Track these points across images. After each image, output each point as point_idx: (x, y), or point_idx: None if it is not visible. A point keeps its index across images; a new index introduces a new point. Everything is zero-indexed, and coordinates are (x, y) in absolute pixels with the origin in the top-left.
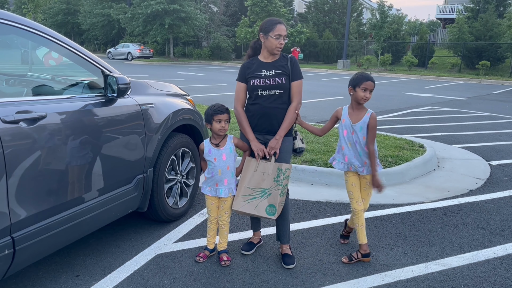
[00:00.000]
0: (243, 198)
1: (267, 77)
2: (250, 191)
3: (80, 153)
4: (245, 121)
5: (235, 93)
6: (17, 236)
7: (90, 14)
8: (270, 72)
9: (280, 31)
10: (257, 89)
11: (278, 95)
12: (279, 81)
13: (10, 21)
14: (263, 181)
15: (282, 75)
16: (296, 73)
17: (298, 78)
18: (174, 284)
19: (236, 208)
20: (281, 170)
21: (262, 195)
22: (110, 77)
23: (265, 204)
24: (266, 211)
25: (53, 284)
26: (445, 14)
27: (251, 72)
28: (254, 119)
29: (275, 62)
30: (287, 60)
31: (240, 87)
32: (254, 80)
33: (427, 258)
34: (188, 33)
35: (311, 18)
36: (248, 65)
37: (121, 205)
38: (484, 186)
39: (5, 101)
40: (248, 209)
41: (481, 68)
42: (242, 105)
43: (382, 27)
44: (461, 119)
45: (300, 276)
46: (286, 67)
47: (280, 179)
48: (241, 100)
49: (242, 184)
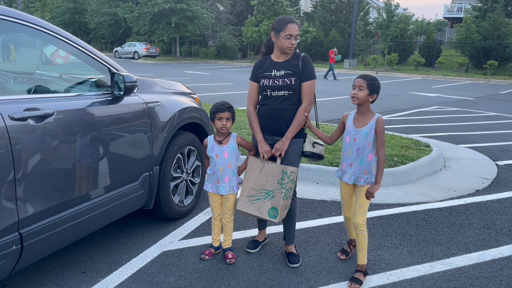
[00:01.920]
0: (247, 198)
1: (277, 78)
2: (255, 191)
3: (86, 150)
4: (254, 121)
5: (248, 93)
6: (25, 232)
7: (97, 13)
8: (280, 73)
9: (291, 30)
10: (266, 90)
11: (287, 96)
12: (288, 82)
13: (19, 19)
14: (268, 182)
15: (292, 75)
16: (308, 73)
17: (310, 79)
18: (179, 281)
19: (240, 208)
20: (286, 173)
21: (266, 197)
22: (117, 75)
23: (268, 206)
24: (268, 213)
25: (60, 280)
26: (453, 13)
27: (262, 71)
28: (263, 119)
29: (286, 62)
30: (298, 60)
31: (253, 86)
32: (264, 80)
33: (433, 258)
34: (195, 32)
35: (317, 17)
36: (260, 64)
37: (127, 202)
38: (491, 186)
39: (13, 99)
40: (251, 210)
41: (488, 68)
42: (253, 105)
43: (389, 26)
44: (468, 119)
45: (305, 275)
46: (297, 67)
47: (284, 182)
48: (253, 99)
49: (247, 184)
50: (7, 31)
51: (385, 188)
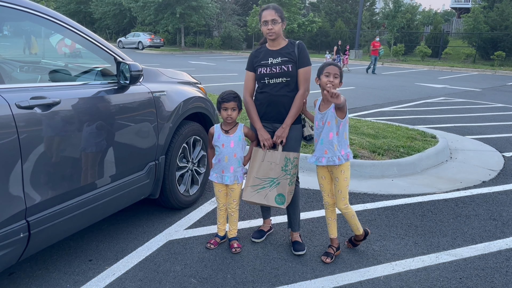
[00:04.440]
0: (252, 188)
1: (274, 65)
2: (259, 181)
3: (93, 139)
4: (253, 110)
5: (244, 82)
6: (32, 220)
7: (102, 3)
8: (277, 60)
9: (265, 17)
10: (264, 78)
11: (285, 82)
12: (285, 69)
13: (25, 7)
14: (271, 170)
15: (289, 62)
16: (303, 60)
17: (306, 65)
18: (185, 269)
19: (246, 198)
20: (289, 159)
21: (271, 185)
22: (122, 64)
23: (274, 194)
24: (275, 201)
25: (67, 268)
26: (460, 3)
27: (259, 60)
28: (262, 107)
29: (282, 50)
30: (294, 47)
31: (249, 76)
32: (261, 69)
33: (438, 249)
34: (199, 22)
35: (323, 8)
36: (256, 53)
37: (133, 191)
38: (497, 177)
39: (20, 87)
40: (257, 199)
41: (496, 59)
42: (250, 94)
43: (396, 16)
44: (475, 110)
45: (310, 264)
46: (293, 54)
47: (288, 168)
48: (249, 89)
49: (250, 174)
50: (13, 19)
51: (390, 179)
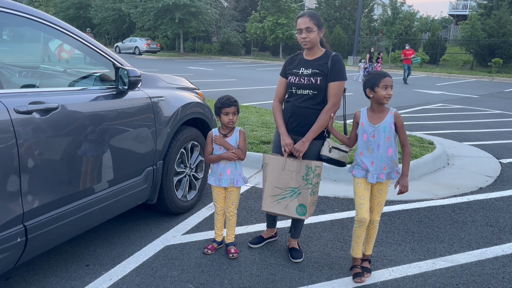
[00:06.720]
0: (272, 198)
1: (303, 76)
2: (279, 190)
3: (91, 144)
4: (278, 115)
5: (276, 87)
6: (30, 225)
7: (101, 8)
8: (307, 71)
9: (298, 25)
10: (292, 87)
11: (312, 95)
12: (313, 81)
13: (24, 13)
14: (292, 179)
15: (319, 75)
16: (336, 73)
17: (338, 79)
18: (182, 275)
19: (266, 209)
20: (311, 168)
21: (291, 195)
22: (121, 69)
23: (295, 204)
24: (296, 211)
25: (63, 273)
26: (458, 10)
27: (291, 68)
28: (285, 116)
29: (315, 61)
30: (328, 59)
31: (281, 82)
32: (291, 77)
33: (435, 255)
34: (198, 28)
35: (321, 14)
36: (291, 60)
37: (131, 196)
38: (494, 184)
39: (18, 92)
40: (278, 210)
41: (493, 66)
42: (279, 100)
43: (394, 23)
44: (472, 117)
45: (307, 270)
46: (325, 66)
47: (310, 178)
48: (279, 94)
49: (271, 184)
50: (12, 24)
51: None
